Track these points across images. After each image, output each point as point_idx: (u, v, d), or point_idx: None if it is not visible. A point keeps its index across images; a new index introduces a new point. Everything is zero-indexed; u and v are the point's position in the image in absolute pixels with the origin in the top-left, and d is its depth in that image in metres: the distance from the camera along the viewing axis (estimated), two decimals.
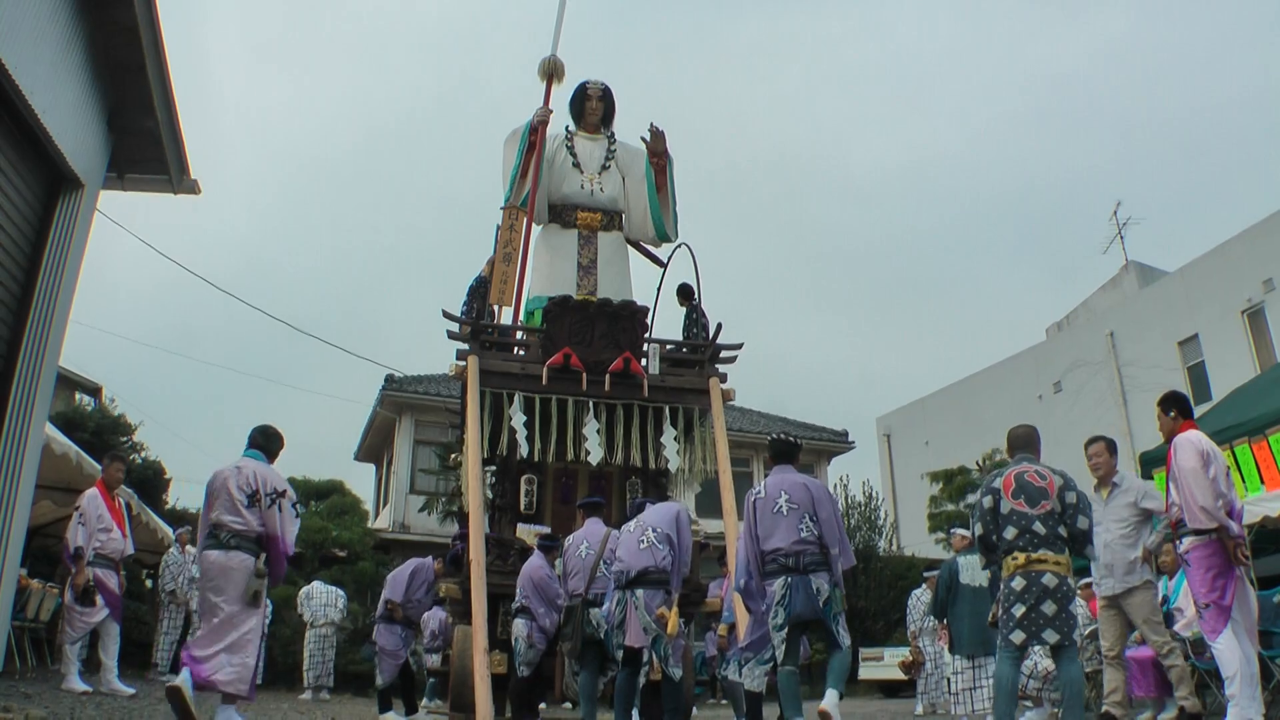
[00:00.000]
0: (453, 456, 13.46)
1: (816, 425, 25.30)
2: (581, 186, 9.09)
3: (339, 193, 79.97)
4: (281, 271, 76.12)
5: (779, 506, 5.28)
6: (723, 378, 8.30)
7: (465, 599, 7.03)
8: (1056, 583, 4.71)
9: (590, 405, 7.84)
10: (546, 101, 9.14)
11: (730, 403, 8.39)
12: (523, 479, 7.90)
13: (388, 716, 8.02)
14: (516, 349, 8.44)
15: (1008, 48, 79.27)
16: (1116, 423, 21.55)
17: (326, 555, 17.05)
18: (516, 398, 7.72)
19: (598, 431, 7.73)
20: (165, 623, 10.94)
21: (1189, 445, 5.16)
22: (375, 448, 24.41)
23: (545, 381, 7.79)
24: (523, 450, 7.65)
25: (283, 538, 5.42)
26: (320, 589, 12.95)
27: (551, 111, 9.10)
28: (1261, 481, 7.64)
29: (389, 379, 21.03)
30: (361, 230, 78.19)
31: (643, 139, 9.12)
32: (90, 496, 7.70)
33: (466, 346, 7.96)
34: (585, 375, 7.82)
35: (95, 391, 19.48)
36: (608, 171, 9.22)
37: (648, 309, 8.39)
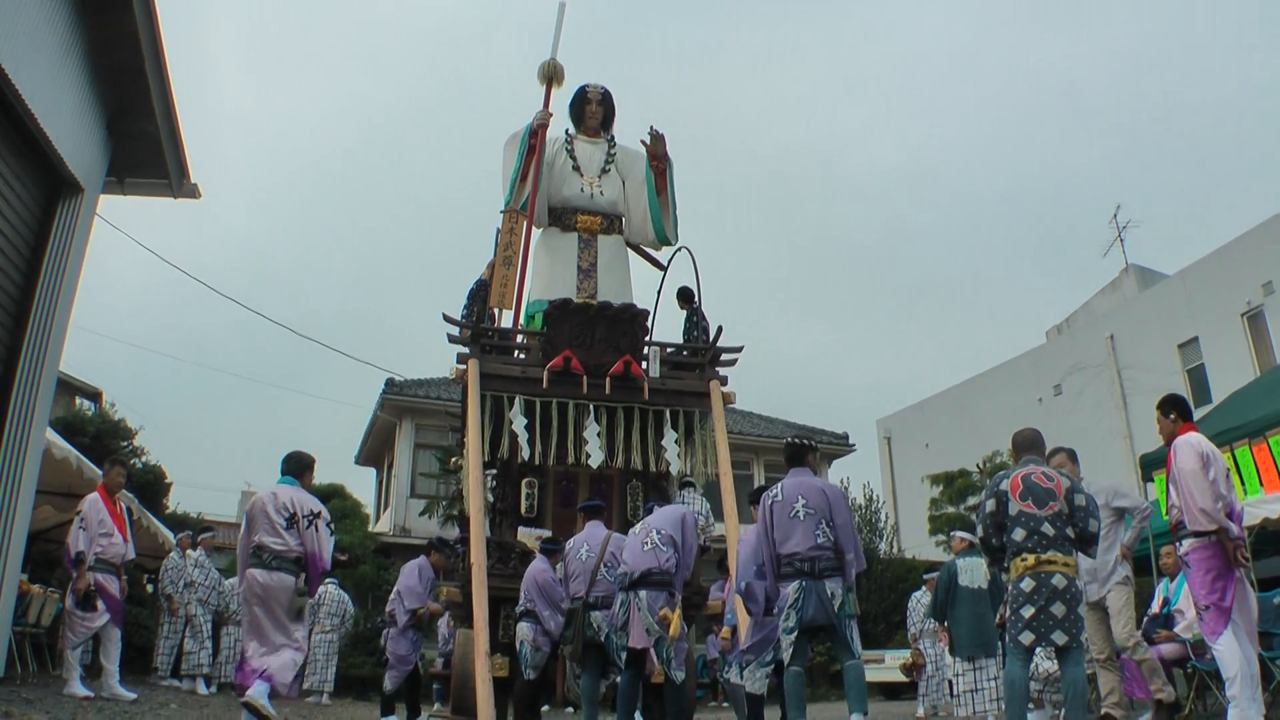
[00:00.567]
0: (453, 460, 13.46)
1: (817, 428, 25.29)
2: (581, 190, 9.10)
3: (339, 196, 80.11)
4: (282, 275, 76.22)
5: (796, 511, 5.28)
6: (723, 380, 8.30)
7: (466, 602, 7.03)
8: (1066, 584, 4.72)
9: (591, 408, 7.84)
10: (546, 105, 9.13)
11: (731, 405, 8.38)
12: (523, 482, 7.89)
13: None
14: (517, 352, 8.42)
15: (1008, 50, 79.41)
16: (1116, 425, 21.57)
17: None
18: (517, 401, 7.73)
19: (598, 435, 7.73)
20: (166, 627, 10.93)
21: (1189, 447, 5.17)
22: (376, 451, 24.39)
23: (546, 385, 7.79)
24: (523, 453, 7.65)
25: (320, 555, 5.88)
26: (334, 594, 12.91)
27: (551, 115, 9.10)
28: (1261, 484, 7.65)
29: (389, 383, 21.01)
30: (362, 234, 78.30)
31: (642, 142, 9.11)
32: (91, 501, 7.70)
33: (467, 350, 7.96)
34: (586, 378, 7.82)
35: (95, 396, 19.46)
36: (608, 175, 9.23)
37: (648, 312, 8.39)
